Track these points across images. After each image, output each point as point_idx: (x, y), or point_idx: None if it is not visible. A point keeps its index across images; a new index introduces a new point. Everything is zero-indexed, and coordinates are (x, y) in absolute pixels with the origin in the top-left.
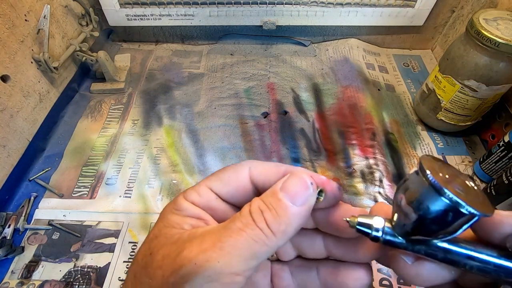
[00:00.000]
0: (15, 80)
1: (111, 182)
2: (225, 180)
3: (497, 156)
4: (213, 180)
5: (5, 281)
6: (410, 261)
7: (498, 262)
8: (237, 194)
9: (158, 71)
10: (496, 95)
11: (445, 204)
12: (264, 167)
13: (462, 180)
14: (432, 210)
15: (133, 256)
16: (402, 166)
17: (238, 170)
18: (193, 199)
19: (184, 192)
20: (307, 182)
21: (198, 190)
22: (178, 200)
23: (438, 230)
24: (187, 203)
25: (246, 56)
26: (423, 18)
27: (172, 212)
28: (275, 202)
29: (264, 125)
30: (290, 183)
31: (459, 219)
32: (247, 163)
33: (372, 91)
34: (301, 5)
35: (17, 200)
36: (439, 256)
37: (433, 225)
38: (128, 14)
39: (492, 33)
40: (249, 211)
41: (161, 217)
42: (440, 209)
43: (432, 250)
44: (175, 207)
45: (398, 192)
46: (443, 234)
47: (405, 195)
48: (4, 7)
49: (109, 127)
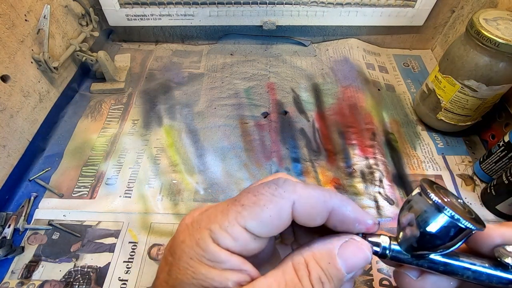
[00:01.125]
0: (15, 80)
1: (111, 182)
2: (265, 221)
3: (497, 156)
4: (247, 217)
5: (5, 281)
6: (415, 277)
7: (489, 272)
8: (276, 231)
9: (158, 71)
10: (496, 95)
11: (446, 220)
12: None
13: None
14: (434, 226)
15: (133, 256)
16: (402, 166)
17: (280, 208)
18: (227, 244)
19: (210, 231)
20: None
21: (231, 232)
22: (208, 246)
23: (439, 245)
24: (223, 253)
25: (246, 56)
26: (423, 18)
27: (203, 264)
28: (334, 271)
29: (264, 125)
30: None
31: (457, 234)
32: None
33: (372, 91)
34: (301, 5)
35: (17, 200)
36: (440, 269)
37: (435, 240)
38: (128, 14)
39: (492, 33)
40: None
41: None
42: (442, 225)
43: (433, 263)
44: (207, 256)
45: (403, 211)
46: (443, 248)
47: (410, 214)
48: (4, 7)
49: (109, 127)
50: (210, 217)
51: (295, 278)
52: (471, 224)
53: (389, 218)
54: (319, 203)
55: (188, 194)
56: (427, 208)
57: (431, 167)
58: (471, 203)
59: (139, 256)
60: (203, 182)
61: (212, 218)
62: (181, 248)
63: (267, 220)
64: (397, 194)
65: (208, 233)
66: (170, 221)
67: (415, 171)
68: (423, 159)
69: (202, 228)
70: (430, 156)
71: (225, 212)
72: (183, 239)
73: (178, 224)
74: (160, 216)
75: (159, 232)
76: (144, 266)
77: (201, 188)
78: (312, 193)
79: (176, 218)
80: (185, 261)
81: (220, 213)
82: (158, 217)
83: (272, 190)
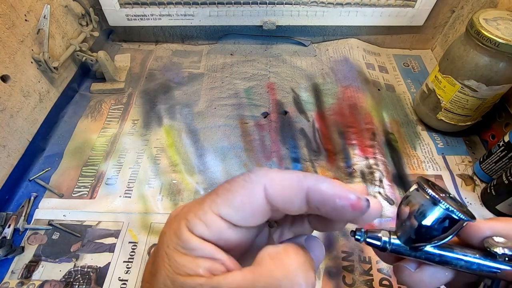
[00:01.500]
0: (15, 80)
1: (111, 182)
2: (237, 205)
3: (497, 156)
4: (220, 204)
5: (5, 281)
6: (413, 269)
7: (479, 261)
8: (252, 218)
9: (158, 71)
10: (496, 95)
11: (441, 212)
12: (282, 184)
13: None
14: (430, 218)
15: (133, 256)
16: (402, 166)
17: (251, 192)
18: (201, 232)
19: (187, 220)
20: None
21: (205, 220)
22: (182, 234)
23: (435, 236)
24: (196, 240)
25: (246, 56)
26: (423, 18)
27: (178, 251)
28: None
29: (264, 125)
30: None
31: (451, 225)
32: (261, 178)
33: (372, 91)
34: (301, 5)
35: (17, 200)
36: (436, 260)
37: (431, 232)
38: (128, 14)
39: (492, 33)
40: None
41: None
42: (437, 217)
43: (430, 255)
44: (181, 243)
45: (401, 206)
46: (438, 239)
47: (408, 208)
48: (4, 7)
49: (109, 127)
50: (190, 208)
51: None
52: (464, 216)
53: (389, 218)
54: (293, 184)
55: (188, 194)
56: (424, 202)
57: (431, 167)
58: (471, 203)
59: (139, 256)
60: (203, 182)
61: (191, 208)
62: (162, 238)
63: (239, 205)
64: (397, 194)
65: (184, 222)
66: None
67: (415, 171)
68: (423, 159)
69: (180, 218)
70: (430, 156)
71: (201, 202)
72: (164, 230)
73: None
74: (160, 216)
75: (159, 232)
76: (144, 266)
77: (201, 188)
78: (285, 176)
79: None
80: (163, 250)
81: (197, 203)
82: (158, 217)
83: (244, 176)
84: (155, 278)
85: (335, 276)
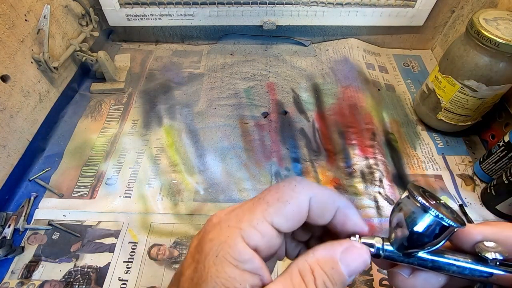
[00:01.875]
0: (15, 80)
1: (111, 182)
2: (288, 215)
3: (497, 156)
4: (273, 213)
5: (5, 281)
6: (407, 274)
7: (471, 266)
8: (297, 227)
9: (158, 71)
10: (496, 95)
11: (431, 219)
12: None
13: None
14: (421, 225)
15: (133, 256)
16: (402, 166)
17: (300, 202)
18: (256, 242)
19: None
20: (367, 260)
21: (260, 229)
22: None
23: (427, 243)
24: (250, 252)
25: (246, 56)
26: (423, 18)
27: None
28: (337, 276)
29: (264, 125)
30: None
31: (441, 231)
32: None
33: (372, 91)
34: (301, 5)
35: (17, 200)
36: (428, 265)
37: (423, 238)
38: (128, 14)
39: (492, 33)
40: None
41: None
42: (428, 224)
43: (423, 260)
44: (234, 254)
45: (393, 213)
46: (430, 245)
47: (400, 215)
48: (4, 7)
49: (109, 127)
50: (238, 216)
51: (302, 284)
52: (453, 222)
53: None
54: (330, 201)
55: (188, 194)
56: (414, 209)
57: (431, 167)
58: (471, 203)
59: (139, 256)
60: (203, 182)
61: (241, 217)
62: (209, 246)
63: (290, 215)
64: (397, 194)
65: (238, 232)
66: (170, 221)
67: (415, 171)
68: (423, 159)
69: (232, 227)
70: (430, 156)
71: (252, 210)
72: (211, 237)
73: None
74: (160, 216)
75: (159, 232)
76: (144, 266)
77: (201, 188)
78: (324, 191)
79: (176, 218)
80: (211, 259)
81: (248, 211)
82: (158, 217)
83: (292, 186)
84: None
85: None
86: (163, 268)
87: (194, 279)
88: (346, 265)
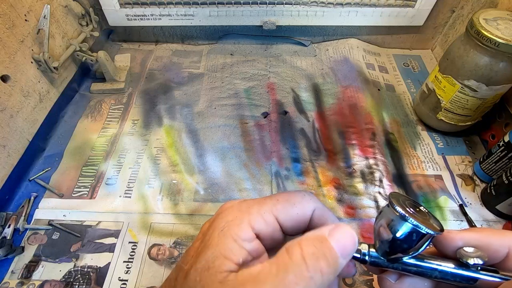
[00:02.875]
0: (15, 80)
1: (111, 182)
2: (293, 216)
3: (497, 156)
4: (280, 210)
5: (5, 281)
6: (394, 280)
7: (453, 271)
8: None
9: (158, 71)
10: (496, 95)
11: (409, 227)
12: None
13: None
14: (401, 232)
15: (133, 256)
16: (402, 166)
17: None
18: (260, 228)
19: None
20: (355, 238)
21: (265, 218)
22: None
23: (408, 248)
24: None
25: (246, 56)
26: (423, 18)
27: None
28: (328, 250)
29: (264, 125)
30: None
31: (420, 238)
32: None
33: (372, 91)
34: (301, 5)
35: (17, 200)
36: (412, 270)
37: (403, 244)
38: (128, 14)
39: (492, 33)
40: (301, 256)
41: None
42: (407, 231)
43: (406, 265)
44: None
45: (376, 221)
46: (412, 251)
47: (382, 223)
48: (4, 7)
49: (109, 127)
50: (249, 205)
51: (286, 257)
52: (430, 230)
53: None
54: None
55: (188, 194)
56: (394, 218)
57: (431, 167)
58: (471, 203)
59: (139, 256)
60: (203, 182)
61: (251, 205)
62: (217, 222)
63: (295, 217)
64: None
65: (246, 215)
66: (170, 221)
67: (415, 171)
68: (423, 159)
69: (242, 211)
70: (430, 156)
71: (262, 203)
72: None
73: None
74: (160, 216)
75: (159, 232)
76: (144, 266)
77: (201, 188)
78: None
79: (176, 218)
80: (216, 232)
81: (258, 203)
82: (158, 217)
83: (302, 195)
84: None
85: None
86: (163, 268)
87: (199, 248)
88: (335, 241)
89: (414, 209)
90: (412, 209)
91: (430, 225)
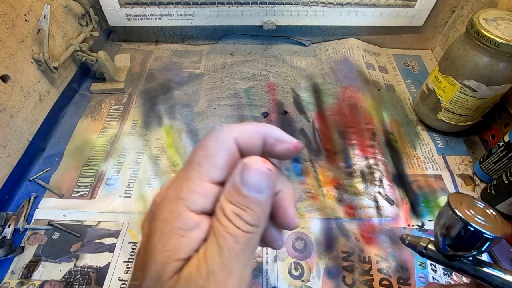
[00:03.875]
0: (15, 80)
1: (111, 182)
2: (222, 165)
3: (497, 156)
4: (207, 171)
5: (5, 281)
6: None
7: None
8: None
9: (158, 71)
10: (496, 95)
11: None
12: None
13: (483, 210)
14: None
15: (133, 256)
16: (402, 166)
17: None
18: (201, 205)
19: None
20: (264, 171)
21: (201, 191)
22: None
23: (466, 249)
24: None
25: (246, 56)
26: (423, 18)
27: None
28: (244, 200)
29: None
30: (249, 177)
31: (481, 241)
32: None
33: (372, 91)
34: (301, 5)
35: (17, 200)
36: (469, 272)
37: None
38: (128, 14)
39: (492, 33)
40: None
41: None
42: (467, 234)
43: (463, 265)
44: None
45: (437, 220)
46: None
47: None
48: (4, 7)
49: (109, 127)
50: (177, 187)
51: (215, 223)
52: (491, 233)
53: (389, 218)
54: (254, 133)
55: None
56: (453, 219)
57: (431, 167)
58: None
59: None
60: None
61: (179, 187)
62: (155, 225)
63: (223, 164)
64: (397, 194)
65: (181, 202)
66: None
67: (415, 171)
68: (423, 159)
69: (174, 200)
70: (430, 156)
71: (187, 177)
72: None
73: None
74: None
75: None
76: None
77: None
78: (247, 127)
79: None
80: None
81: (184, 180)
82: None
83: (214, 137)
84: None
85: (335, 276)
86: None
87: (145, 258)
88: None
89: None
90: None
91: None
